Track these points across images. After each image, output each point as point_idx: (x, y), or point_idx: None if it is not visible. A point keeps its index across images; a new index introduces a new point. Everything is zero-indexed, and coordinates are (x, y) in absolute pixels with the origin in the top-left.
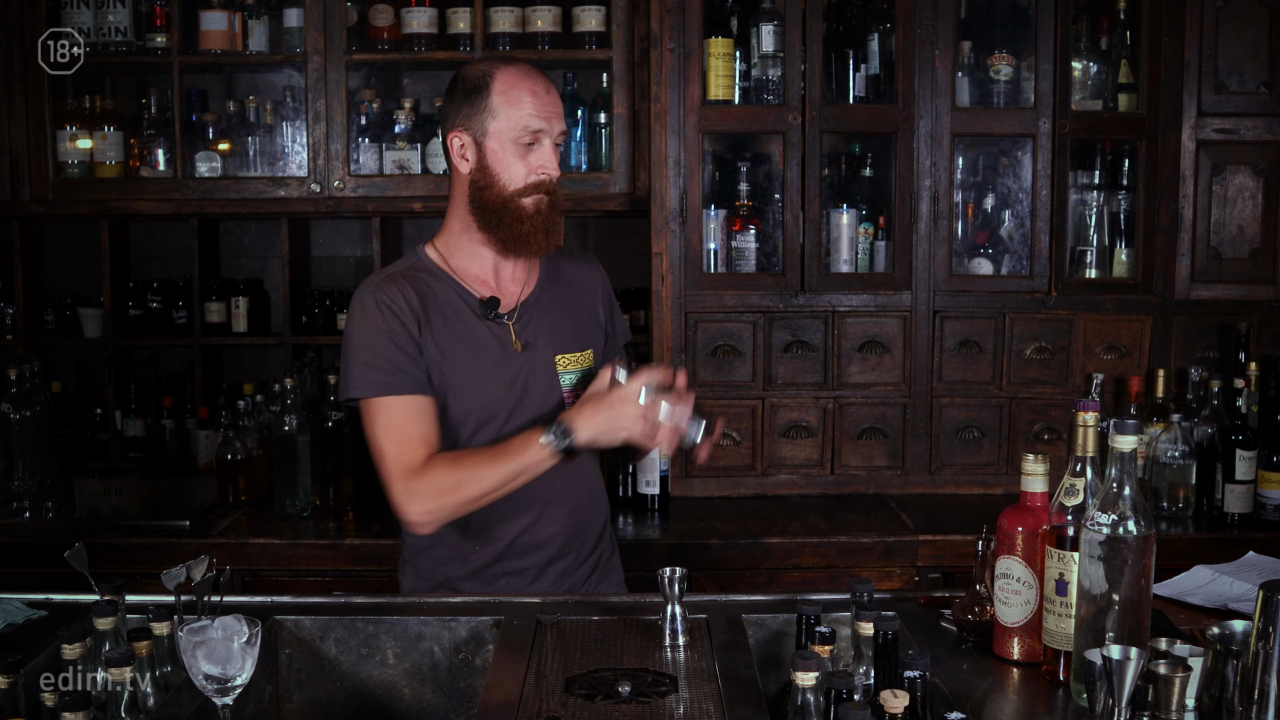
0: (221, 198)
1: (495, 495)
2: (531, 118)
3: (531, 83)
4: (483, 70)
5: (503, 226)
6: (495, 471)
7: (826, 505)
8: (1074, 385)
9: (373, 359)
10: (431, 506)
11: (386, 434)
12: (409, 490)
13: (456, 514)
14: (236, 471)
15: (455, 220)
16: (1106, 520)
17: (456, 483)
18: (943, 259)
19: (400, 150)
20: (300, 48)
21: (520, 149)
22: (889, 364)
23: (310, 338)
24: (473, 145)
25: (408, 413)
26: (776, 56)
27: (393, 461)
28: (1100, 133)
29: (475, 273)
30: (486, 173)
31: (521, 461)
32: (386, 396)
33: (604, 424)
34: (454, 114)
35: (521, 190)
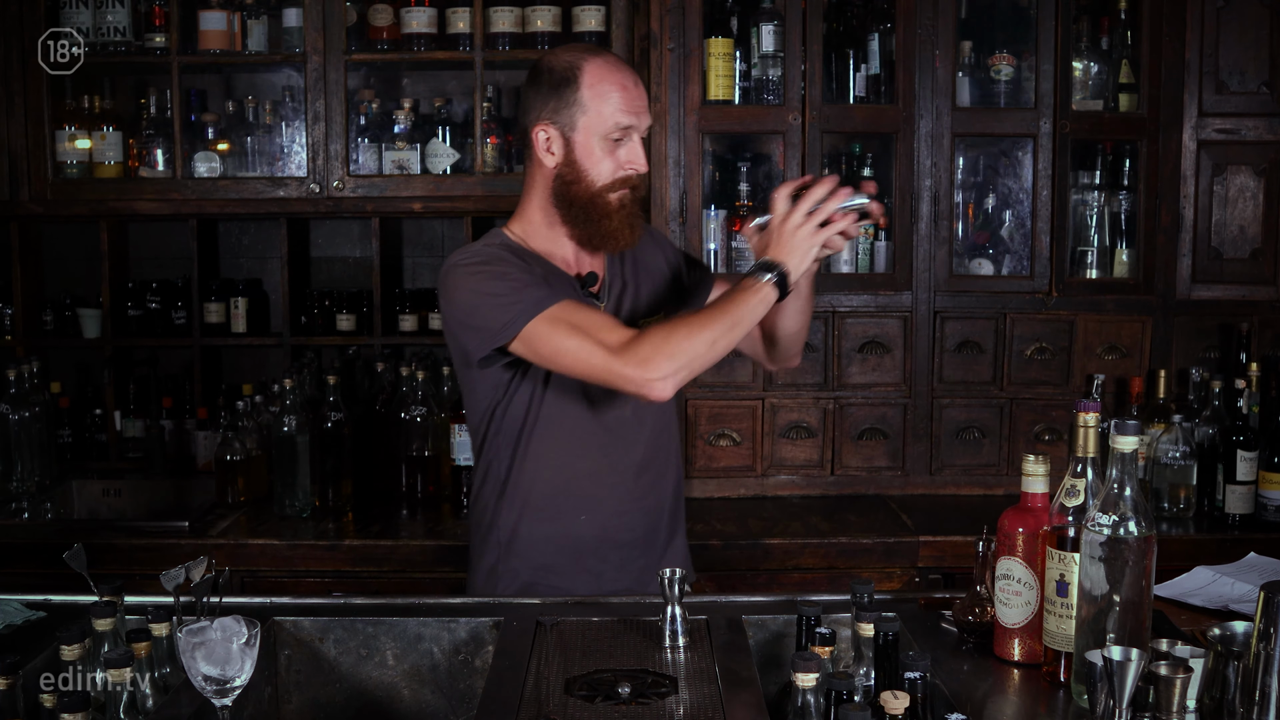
0: (220, 198)
1: (726, 342)
2: (622, 114)
3: (620, 76)
4: (569, 62)
5: (589, 222)
6: (718, 317)
7: (827, 506)
8: (1075, 386)
9: (517, 290)
10: (664, 363)
11: (575, 334)
12: (633, 358)
13: (694, 365)
14: (235, 472)
15: (535, 210)
16: (1107, 521)
17: (679, 333)
18: (943, 259)
19: (400, 150)
20: (299, 48)
21: (609, 144)
22: (889, 364)
23: (309, 338)
24: (560, 139)
25: (581, 308)
26: (776, 56)
27: (598, 348)
28: (1101, 133)
29: (559, 256)
30: (574, 167)
31: (742, 305)
32: (553, 305)
33: (795, 247)
34: (539, 106)
35: (609, 186)
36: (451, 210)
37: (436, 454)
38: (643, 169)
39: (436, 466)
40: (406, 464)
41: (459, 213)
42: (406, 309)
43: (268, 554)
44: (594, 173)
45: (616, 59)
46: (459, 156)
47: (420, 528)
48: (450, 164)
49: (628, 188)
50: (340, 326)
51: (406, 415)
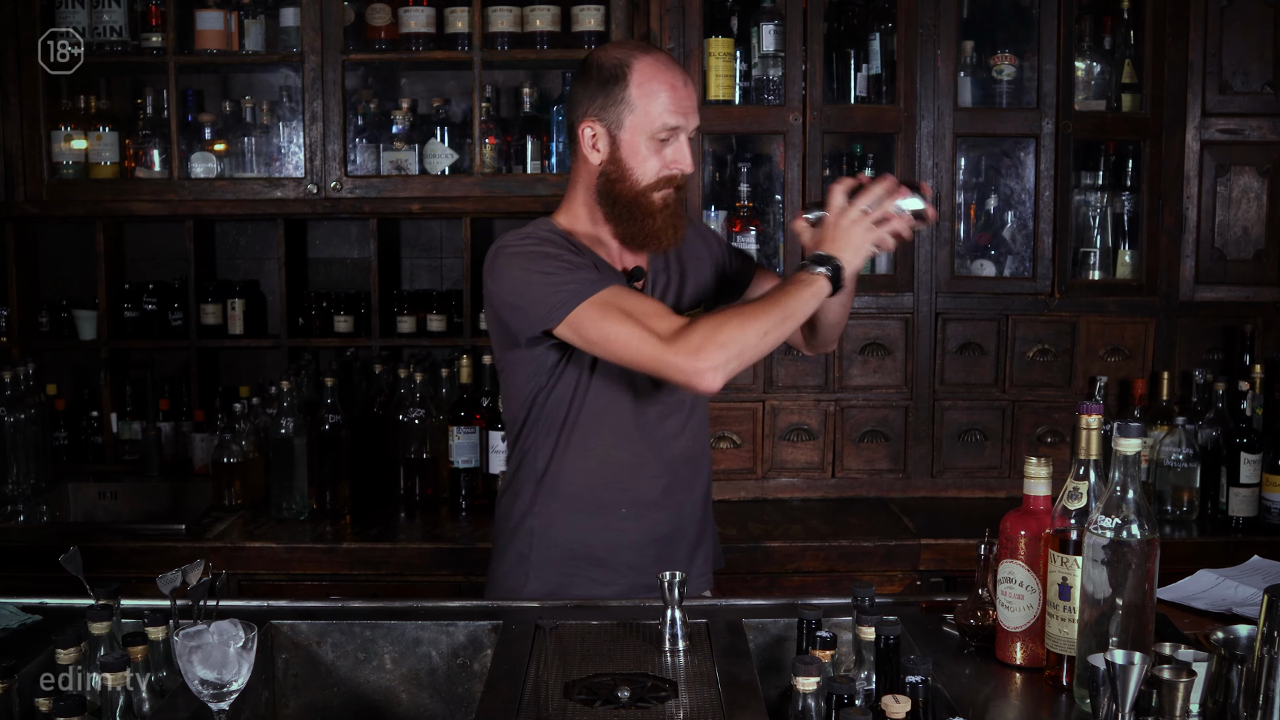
0: (217, 199)
1: (778, 334)
2: (670, 114)
3: (670, 75)
4: (619, 59)
5: (632, 220)
6: (771, 309)
7: (827, 509)
8: (1077, 388)
9: (567, 271)
10: (716, 352)
11: (626, 320)
12: (685, 346)
13: (744, 357)
14: (233, 475)
15: (579, 206)
16: (1110, 524)
17: (731, 324)
18: (945, 260)
19: (398, 151)
20: (297, 47)
21: (656, 144)
22: (890, 366)
23: (307, 340)
24: (606, 137)
25: (632, 294)
26: (777, 56)
27: (650, 336)
28: (1104, 133)
29: (604, 250)
30: (619, 166)
31: (795, 298)
32: (604, 290)
33: (850, 242)
34: (586, 102)
35: (653, 185)
36: (450, 211)
37: (435, 456)
38: (688, 169)
39: (435, 469)
40: (405, 467)
41: (457, 214)
42: (405, 310)
43: (265, 557)
44: (639, 171)
45: (667, 57)
46: (457, 157)
47: (418, 531)
48: (449, 164)
49: (672, 187)
50: (338, 328)
51: (405, 417)
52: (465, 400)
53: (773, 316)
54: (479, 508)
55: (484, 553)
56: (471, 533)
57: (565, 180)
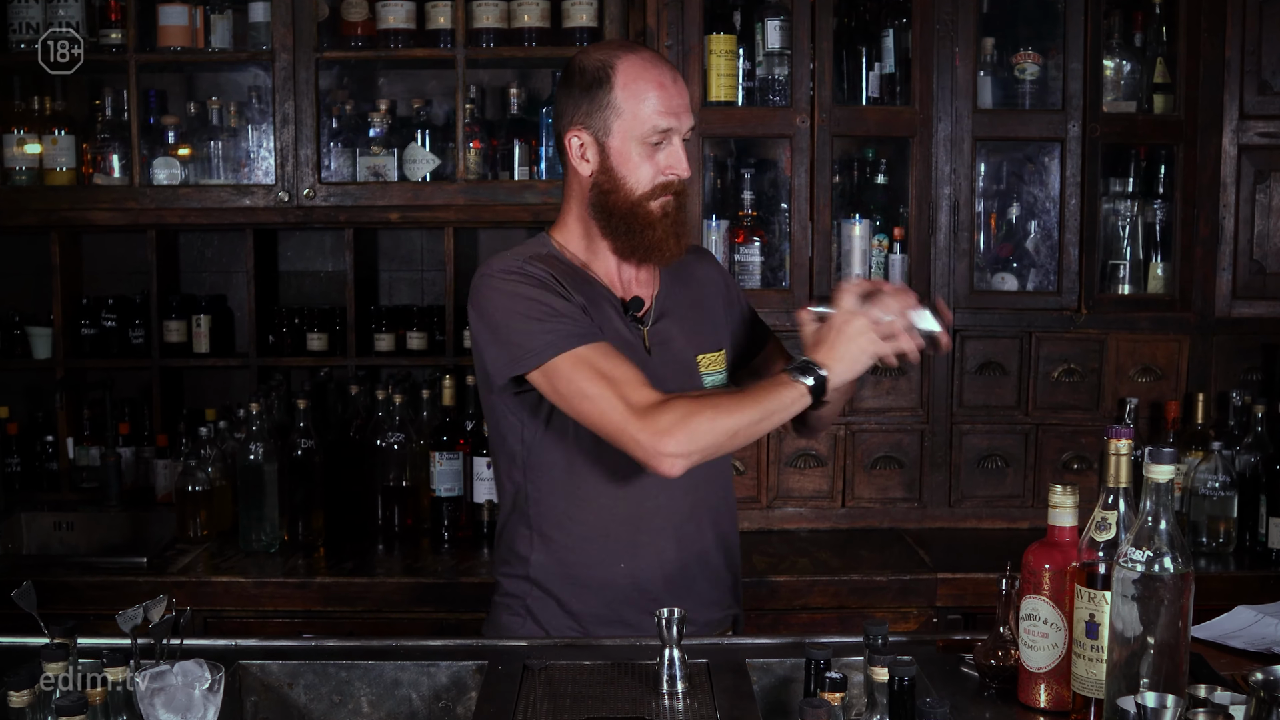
0: (181, 207)
1: (747, 435)
2: (659, 115)
3: (658, 73)
4: (601, 60)
5: (631, 234)
6: (747, 406)
7: (837, 541)
8: (1105, 410)
9: (551, 316)
10: (683, 439)
11: (600, 381)
12: (652, 425)
13: (709, 451)
14: (198, 504)
15: (574, 220)
16: (1141, 557)
17: (704, 414)
18: (963, 274)
19: (375, 156)
20: (267, 45)
21: (647, 149)
22: (905, 387)
23: (278, 359)
24: (594, 146)
25: (614, 356)
26: (783, 54)
27: (620, 404)
28: (1134, 137)
29: (600, 267)
30: (611, 175)
31: (774, 400)
32: (584, 345)
33: (846, 354)
34: (571, 110)
35: (649, 193)
36: (431, 220)
37: (415, 484)
38: (685, 174)
39: (415, 498)
40: (383, 495)
41: (439, 223)
42: (383, 327)
43: (232, 592)
44: (632, 180)
45: (654, 55)
46: (439, 162)
47: (398, 564)
48: (430, 170)
49: (670, 194)
50: (311, 346)
51: (383, 442)
52: (448, 424)
53: (749, 415)
54: (463, 539)
55: (468, 588)
56: (454, 566)
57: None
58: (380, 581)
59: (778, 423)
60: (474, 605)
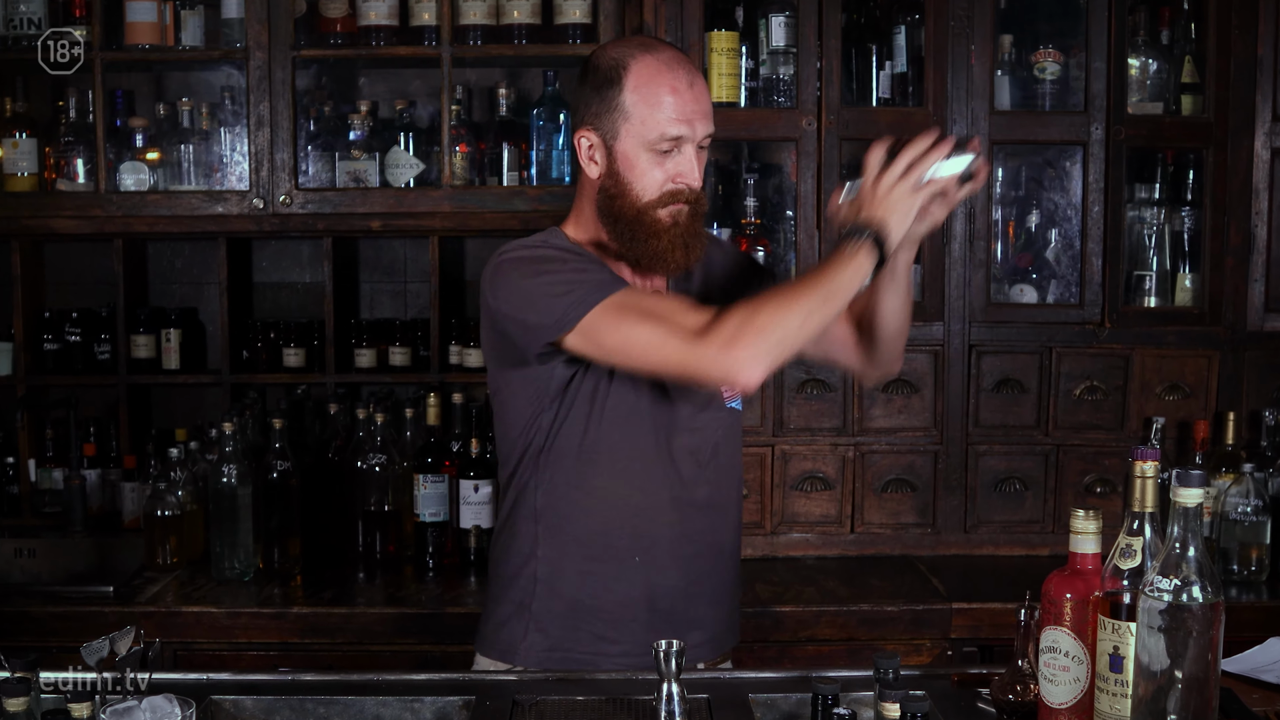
0: (150, 215)
1: (821, 317)
2: (670, 122)
3: (672, 77)
4: (616, 59)
5: (636, 241)
6: (808, 288)
7: (846, 568)
8: (1130, 430)
9: (579, 274)
10: (753, 341)
11: (646, 320)
12: (717, 338)
13: (784, 345)
14: (167, 529)
15: (585, 220)
16: (1168, 586)
17: (766, 310)
18: (979, 285)
19: (356, 160)
20: (241, 42)
21: (656, 156)
22: (918, 406)
23: (252, 375)
24: (602, 148)
25: (651, 294)
26: (788, 52)
27: (675, 334)
28: (1161, 140)
29: (612, 263)
30: (617, 180)
31: (835, 273)
32: (618, 292)
33: (893, 206)
34: (582, 108)
35: (656, 201)
36: (415, 229)
37: (398, 509)
38: (694, 184)
39: (398, 523)
40: (364, 520)
41: (424, 231)
42: (364, 342)
43: (204, 623)
44: (638, 186)
45: (674, 55)
46: (424, 167)
47: (379, 594)
48: (414, 176)
49: (681, 203)
50: (287, 362)
51: (364, 464)
52: (433, 445)
53: (813, 296)
54: (448, 567)
55: (454, 619)
56: (440, 596)
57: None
58: (361, 612)
59: (847, 297)
60: (460, 637)
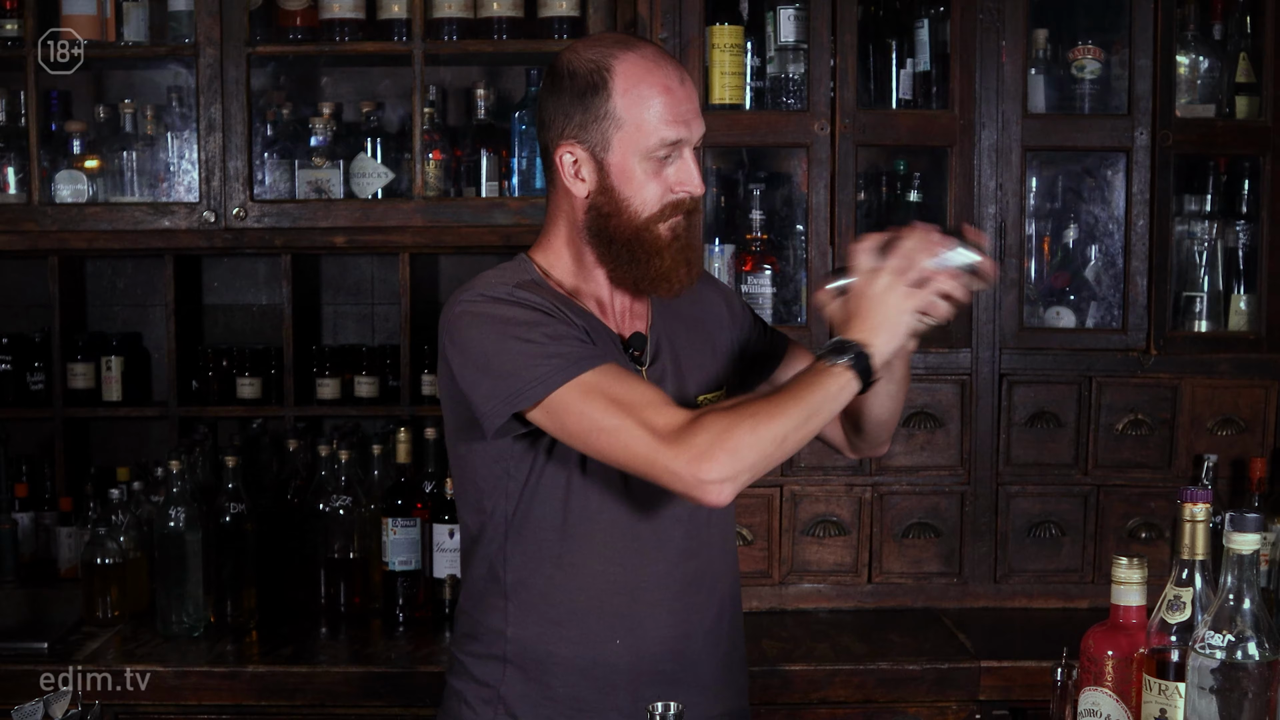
0: (89, 229)
1: (797, 439)
2: (667, 125)
3: (662, 75)
4: (595, 61)
5: (635, 262)
6: (788, 406)
7: (862, 622)
8: (1179, 469)
9: (552, 341)
10: (725, 460)
11: (616, 409)
12: (687, 450)
13: (757, 467)
14: (108, 579)
15: (561, 244)
16: (1221, 642)
17: (744, 425)
18: (1011, 308)
19: (318, 169)
20: (189, 37)
21: (654, 164)
22: (942, 441)
23: (202, 408)
24: (591, 162)
25: (627, 377)
26: (798, 49)
27: (644, 432)
28: (1213, 146)
29: (587, 293)
30: (612, 197)
31: (817, 392)
32: (590, 370)
33: (884, 320)
34: (561, 120)
35: (657, 215)
36: (384, 245)
37: (364, 556)
38: (698, 191)
39: (364, 572)
40: (326, 569)
41: (393, 247)
42: (326, 371)
43: (149, 684)
44: (637, 201)
45: (656, 50)
46: (393, 176)
47: (343, 650)
48: (382, 186)
49: (680, 214)
50: (241, 393)
51: (326, 507)
52: (403, 485)
53: (794, 415)
54: (420, 621)
55: (426, 679)
56: (411, 653)
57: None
58: (323, 671)
59: (827, 417)
60: (433, 699)
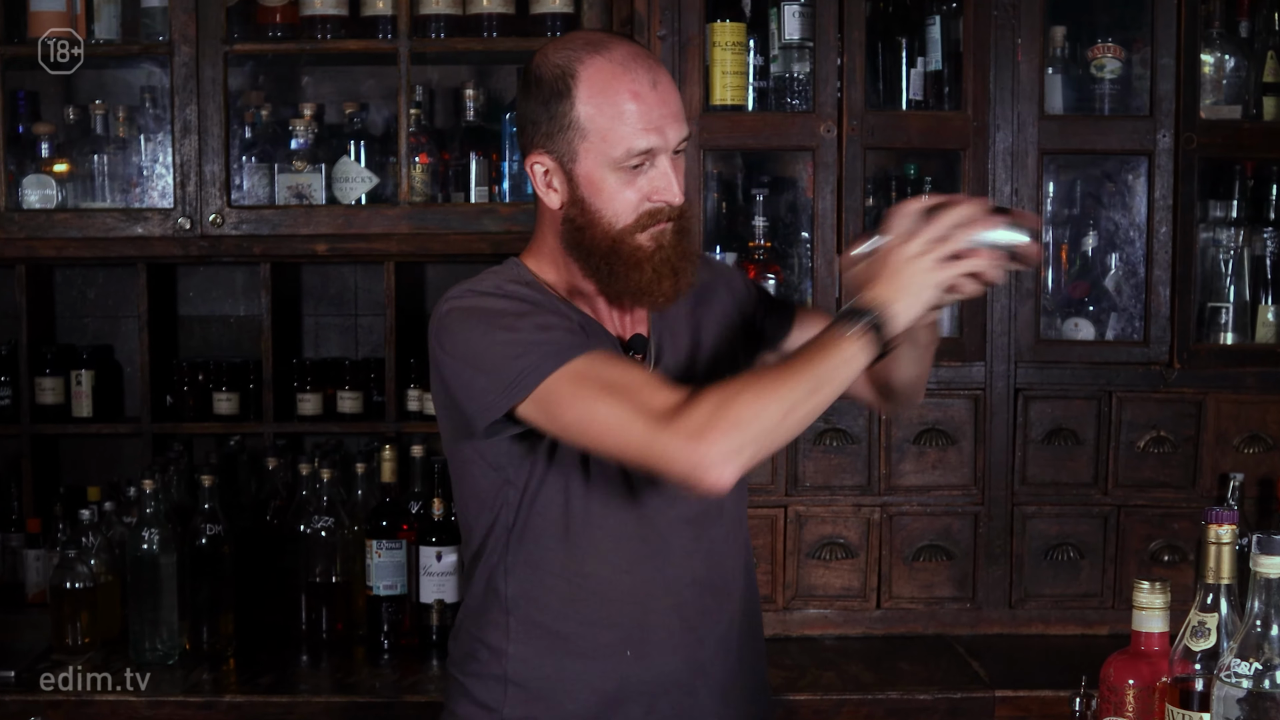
0: (58, 237)
1: (805, 411)
2: (637, 134)
3: (630, 79)
4: (560, 66)
5: (614, 276)
6: (795, 375)
7: (871, 650)
8: (1204, 489)
9: (540, 331)
10: (726, 435)
11: (608, 395)
12: (684, 428)
13: (762, 443)
14: (78, 605)
15: (548, 252)
16: (1248, 670)
17: (744, 398)
18: (1027, 319)
19: (298, 173)
20: (164, 35)
21: (626, 174)
22: (955, 460)
23: (177, 425)
24: (560, 173)
25: (617, 361)
26: (804, 47)
27: (638, 415)
28: (1239, 149)
29: (586, 303)
30: (583, 208)
31: (826, 360)
32: (582, 357)
33: (908, 284)
34: (530, 127)
35: (632, 226)
36: (368, 253)
37: (347, 580)
38: (675, 200)
39: (347, 597)
40: (307, 593)
41: (378, 256)
42: (308, 386)
43: (121, 714)
44: (609, 212)
45: (629, 51)
46: (378, 181)
47: (325, 679)
48: (366, 191)
49: (662, 222)
50: (218, 409)
51: (307, 528)
52: (388, 506)
53: (799, 386)
54: (406, 648)
55: (412, 709)
56: (396, 682)
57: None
58: (304, 701)
59: (838, 388)
60: None
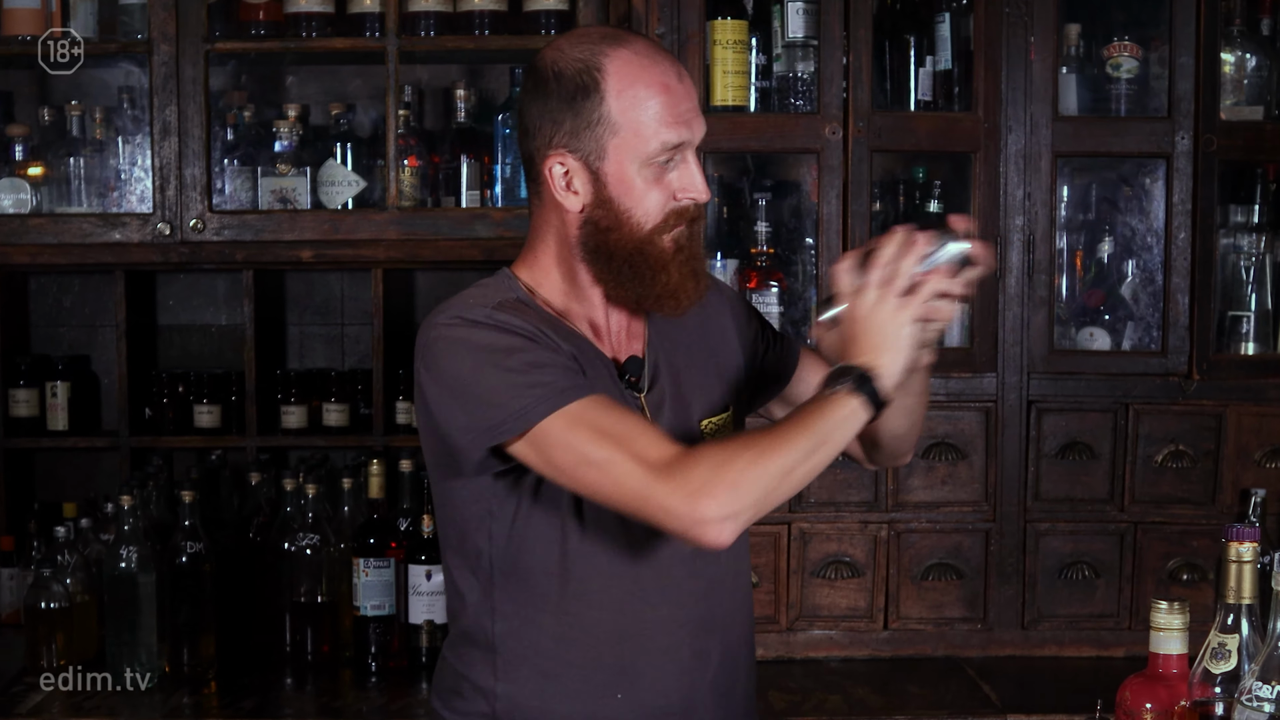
0: (32, 243)
1: (804, 473)
2: (668, 127)
3: (659, 72)
4: (584, 60)
5: (638, 280)
6: (793, 436)
7: (878, 672)
8: (1224, 505)
9: (535, 369)
10: (725, 496)
11: (605, 442)
12: (682, 486)
13: (761, 503)
14: (54, 625)
15: (550, 261)
16: (1270, 694)
17: (744, 458)
18: (1040, 328)
19: (282, 177)
20: (142, 33)
21: (654, 170)
22: (965, 475)
23: (157, 438)
24: (585, 172)
25: (616, 408)
26: (808, 45)
27: (636, 466)
28: (1261, 152)
29: (579, 313)
30: (610, 209)
31: (823, 422)
32: (577, 401)
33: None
34: (549, 127)
35: (660, 225)
36: (355, 259)
37: (333, 600)
38: (702, 196)
39: (333, 617)
40: (292, 614)
41: (365, 262)
42: (292, 398)
43: None
44: (639, 212)
45: (648, 45)
46: (365, 185)
47: (310, 703)
48: (353, 195)
49: (685, 222)
50: (199, 422)
51: (292, 546)
52: (376, 523)
53: (799, 447)
54: (394, 671)
55: None
56: (384, 706)
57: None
58: None
59: (836, 448)
60: None
